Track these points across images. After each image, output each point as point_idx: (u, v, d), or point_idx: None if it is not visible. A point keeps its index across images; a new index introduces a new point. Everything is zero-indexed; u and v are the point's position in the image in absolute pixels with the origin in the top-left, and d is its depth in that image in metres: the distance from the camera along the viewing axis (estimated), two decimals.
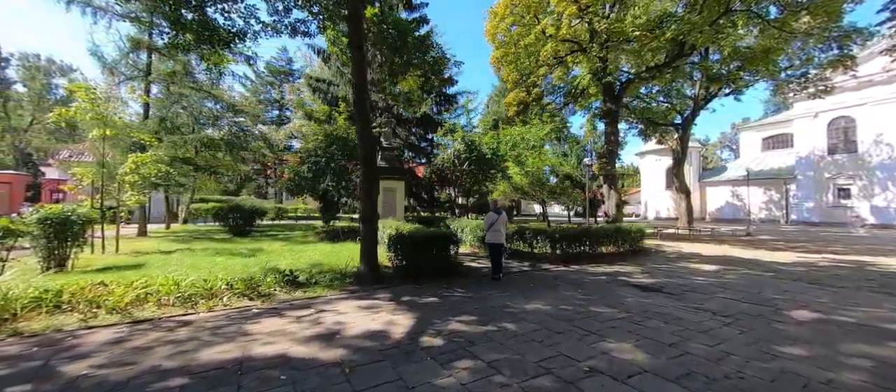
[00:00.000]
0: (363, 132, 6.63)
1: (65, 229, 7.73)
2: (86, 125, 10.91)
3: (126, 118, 16.31)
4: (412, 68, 10.76)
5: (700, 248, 13.14)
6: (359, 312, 4.84)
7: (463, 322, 4.45)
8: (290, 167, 15.04)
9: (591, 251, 10.46)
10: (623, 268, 8.80)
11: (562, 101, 19.53)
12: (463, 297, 5.79)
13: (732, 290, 6.51)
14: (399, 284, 6.61)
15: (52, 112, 10.36)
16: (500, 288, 6.44)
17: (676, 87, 21.57)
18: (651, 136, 27.00)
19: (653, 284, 6.96)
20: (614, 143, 16.11)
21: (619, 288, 6.61)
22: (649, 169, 38.49)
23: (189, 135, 16.98)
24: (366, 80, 6.67)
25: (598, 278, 7.48)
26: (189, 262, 8.75)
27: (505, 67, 16.67)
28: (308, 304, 5.21)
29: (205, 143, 18.98)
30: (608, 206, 15.93)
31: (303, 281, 6.42)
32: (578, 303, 5.47)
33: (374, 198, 6.81)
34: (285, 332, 3.99)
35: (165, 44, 7.99)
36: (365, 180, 6.70)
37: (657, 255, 11.11)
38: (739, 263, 9.58)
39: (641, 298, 5.84)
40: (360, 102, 6.63)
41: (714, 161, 60.99)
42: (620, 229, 11.23)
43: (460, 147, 15.15)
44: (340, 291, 6.02)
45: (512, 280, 7.17)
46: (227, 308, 5.07)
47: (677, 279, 7.44)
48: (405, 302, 5.42)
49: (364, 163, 6.70)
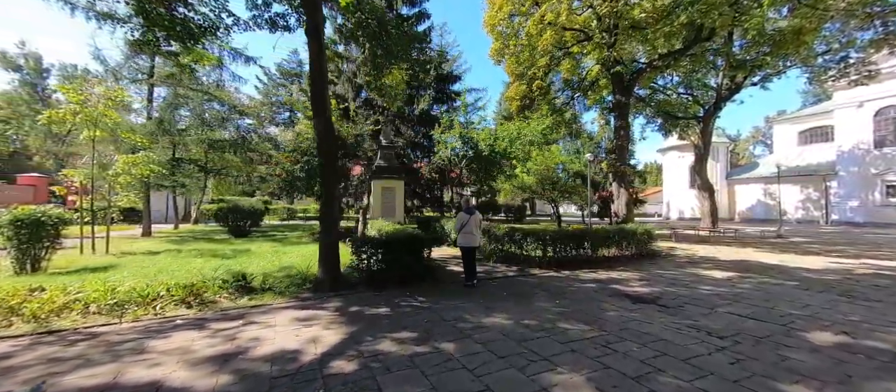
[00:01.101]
0: (321, 126, 6.13)
1: (37, 230, 7.67)
2: (77, 127, 10.99)
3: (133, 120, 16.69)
4: (397, 61, 10.24)
5: (719, 251, 11.90)
6: (289, 325, 4.31)
7: (397, 340, 3.83)
8: (283, 166, 14.84)
9: (592, 255, 9.58)
10: (622, 274, 7.90)
11: (570, 94, 18.46)
12: (419, 307, 5.17)
13: (742, 302, 5.56)
14: (359, 291, 6.06)
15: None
16: (468, 297, 5.77)
17: (697, 76, 20.01)
18: (672, 130, 25.36)
19: (648, 294, 6.09)
20: (625, 139, 14.98)
21: (605, 298, 5.79)
22: (671, 166, 36.39)
23: (189, 136, 17.19)
24: (324, 70, 6.18)
25: (586, 286, 6.66)
26: (162, 264, 8.55)
27: (507, 60, 15.86)
28: (242, 315, 4.74)
29: (210, 144, 19.24)
30: (618, 206, 14.83)
31: (256, 286, 5.98)
32: (548, 317, 4.73)
33: (336, 197, 6.29)
34: (184, 351, 3.51)
35: (136, 39, 7.73)
36: (324, 178, 6.20)
37: (666, 260, 10.06)
38: (759, 270, 8.45)
39: (627, 312, 5.02)
40: (318, 94, 6.13)
41: (745, 157, 57.31)
42: (625, 230, 10.26)
43: (457, 144, 14.49)
44: (289, 299, 5.53)
45: (486, 287, 6.48)
46: (156, 317, 4.68)
47: (679, 288, 6.51)
48: (350, 313, 4.85)
49: (322, 158, 6.19)
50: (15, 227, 7.46)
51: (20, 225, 7.48)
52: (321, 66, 6.17)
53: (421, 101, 17.89)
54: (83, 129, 10.73)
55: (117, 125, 11.59)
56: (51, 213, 7.85)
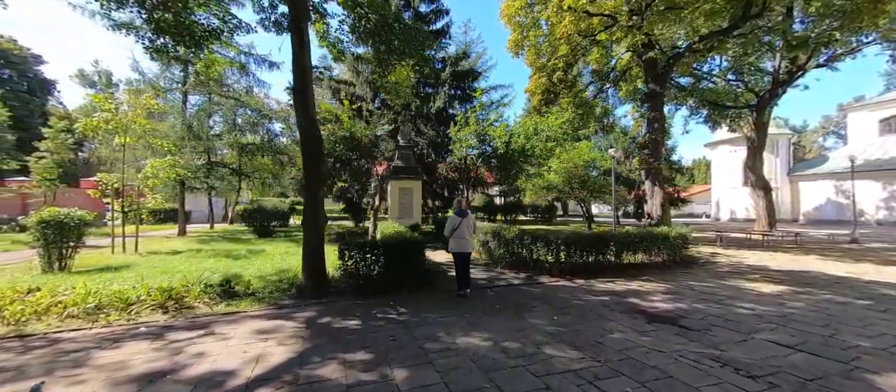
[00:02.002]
0: (304, 124, 5.85)
1: (62, 231, 8.14)
2: (108, 134, 11.72)
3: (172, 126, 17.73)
4: (401, 58, 9.85)
5: (772, 259, 10.32)
6: (245, 339, 4.01)
7: (346, 363, 3.37)
8: (299, 168, 15.01)
9: (617, 261, 8.60)
10: (645, 285, 6.93)
11: (599, 86, 17.11)
12: (394, 320, 4.68)
13: (790, 327, 4.52)
14: (343, 298, 5.70)
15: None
16: (455, 309, 5.20)
17: (749, 60, 17.78)
18: (720, 122, 22.91)
19: (669, 312, 5.17)
20: (659, 132, 13.52)
21: (615, 315, 4.97)
22: (722, 162, 33.06)
23: (221, 140, 18.02)
24: (306, 67, 5.89)
25: (596, 299, 5.83)
26: (173, 264, 8.77)
27: (527, 52, 14.95)
28: (208, 324, 4.52)
29: (241, 148, 20.12)
30: (651, 206, 13.42)
31: (239, 291, 5.82)
32: (536, 339, 4.05)
33: (320, 199, 5.98)
34: (119, 367, 3.29)
35: (147, 48, 7.94)
36: (307, 179, 5.91)
37: (704, 269, 8.81)
38: (821, 284, 7.07)
39: (636, 334, 4.21)
40: (300, 91, 5.85)
41: (813, 151, 51.09)
42: (653, 234, 9.13)
43: (473, 143, 13.85)
44: (267, 307, 5.28)
45: (480, 298, 5.86)
46: (129, 322, 4.59)
47: (710, 305, 5.50)
48: (317, 325, 4.48)
49: (307, 157, 5.91)
50: (41, 228, 7.96)
51: (46, 226, 7.96)
52: (303, 63, 5.90)
53: (437, 98, 17.43)
54: (115, 136, 11.43)
55: (146, 131, 12.27)
56: (73, 215, 8.30)
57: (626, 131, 24.49)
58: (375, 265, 6.19)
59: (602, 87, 17.25)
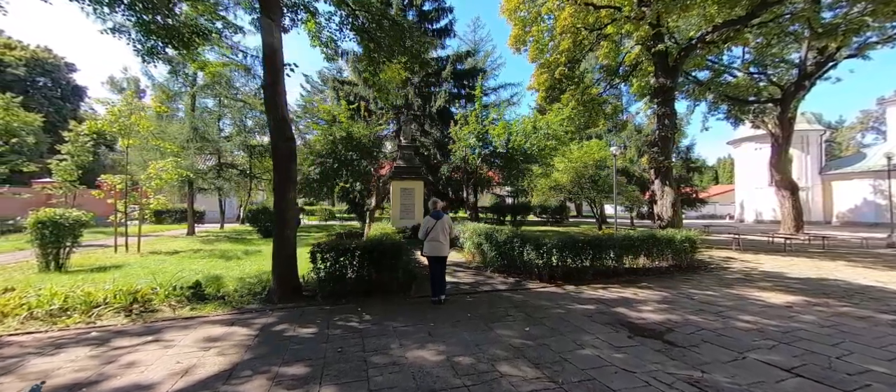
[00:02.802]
0: (273, 122, 5.67)
1: (57, 231, 8.32)
2: (113, 135, 12.01)
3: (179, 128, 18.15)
4: (393, 56, 9.63)
5: (792, 264, 9.50)
6: (190, 346, 3.84)
7: (277, 378, 3.12)
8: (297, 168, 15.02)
9: (617, 266, 8.09)
10: (640, 292, 6.42)
11: (608, 82, 16.38)
12: (353, 328, 4.42)
13: (793, 344, 3.99)
14: (309, 305, 5.50)
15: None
16: (422, 317, 4.89)
17: (772, 50, 16.65)
18: (742, 118, 21.70)
19: (658, 324, 4.70)
20: (669, 128, 12.75)
21: (596, 327, 4.54)
22: (746, 160, 31.34)
23: (229, 142, 18.34)
24: (276, 61, 5.71)
25: (581, 308, 5.40)
26: (164, 265, 8.83)
27: (530, 48, 14.46)
28: (160, 329, 4.39)
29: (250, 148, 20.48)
30: (661, 207, 12.67)
31: (209, 294, 5.71)
32: (495, 353, 3.70)
33: (290, 201, 5.80)
34: (41, 376, 3.16)
35: (137, 50, 8.00)
36: (276, 179, 5.74)
37: (711, 275, 8.16)
38: (841, 294, 6.36)
39: (609, 351, 3.80)
40: (270, 86, 5.68)
41: (850, 148, 47.88)
42: (657, 237, 8.54)
43: (472, 141, 13.48)
44: (230, 311, 5.13)
45: (455, 305, 5.53)
46: (87, 325, 4.52)
47: (707, 317, 4.98)
48: (269, 333, 4.27)
49: (276, 157, 5.74)
50: (38, 228, 8.16)
51: (42, 226, 8.15)
52: (272, 58, 5.73)
53: (438, 97, 17.15)
54: (119, 138, 11.72)
55: (150, 133, 12.55)
56: (69, 216, 8.48)
57: (640, 129, 23.51)
58: (348, 269, 5.98)
59: (611, 83, 16.50)
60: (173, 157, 12.82)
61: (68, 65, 46.10)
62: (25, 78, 39.82)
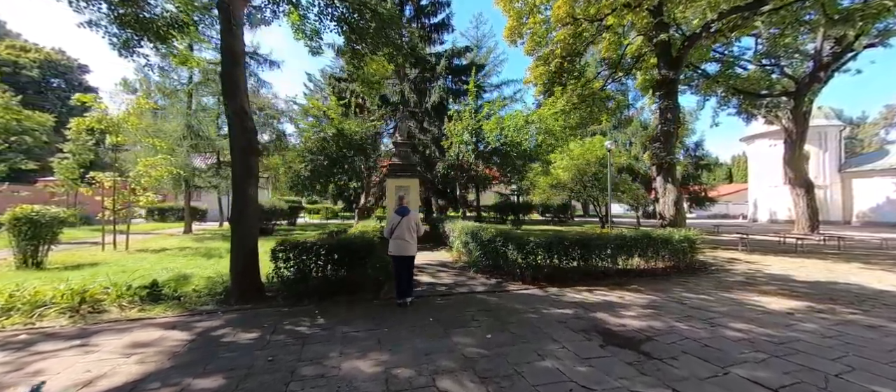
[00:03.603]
0: (232, 113, 5.37)
1: (35, 229, 8.22)
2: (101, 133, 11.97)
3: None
4: (377, 47, 9.29)
5: (801, 266, 8.85)
6: (112, 353, 3.55)
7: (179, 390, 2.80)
8: (287, 165, 14.82)
9: (609, 267, 7.61)
10: (627, 296, 5.94)
11: (608, 75, 15.74)
12: (298, 334, 4.08)
13: (787, 358, 3.51)
14: (267, 306, 5.19)
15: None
16: (379, 321, 4.53)
17: (785, 40, 15.78)
18: (754, 113, 20.77)
19: (637, 332, 4.24)
20: (672, 123, 12.10)
21: (568, 335, 4.12)
22: (759, 157, 30.13)
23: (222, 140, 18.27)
24: (235, 49, 5.41)
25: (557, 313, 4.96)
26: (143, 263, 8.67)
27: (527, 41, 13.96)
28: (93, 333, 4.13)
29: None
30: (663, 205, 12.05)
31: (166, 294, 5.46)
32: (442, 365, 3.32)
33: (250, 196, 5.50)
34: None
35: (113, 44, 7.83)
36: (235, 171, 5.45)
37: (711, 277, 7.61)
38: (851, 299, 5.78)
39: (574, 363, 3.37)
40: (228, 75, 5.38)
41: (874, 145, 45.82)
42: (653, 237, 8.00)
43: (467, 138, 13.06)
44: (181, 313, 4.85)
45: (419, 308, 5.15)
46: (24, 327, 4.30)
47: (695, 325, 4.49)
48: (206, 338, 3.97)
49: (235, 148, 5.44)
50: (14, 225, 8.06)
51: (18, 223, 8.06)
52: (231, 45, 5.43)
53: (432, 93, 16.76)
54: (108, 136, 11.66)
55: (140, 131, 12.49)
56: (46, 213, 8.38)
57: (646, 125, 22.72)
58: (313, 268, 5.66)
59: (614, 77, 15.85)
60: (164, 155, 12.74)
61: (81, 66, 47.17)
62: (39, 79, 40.85)
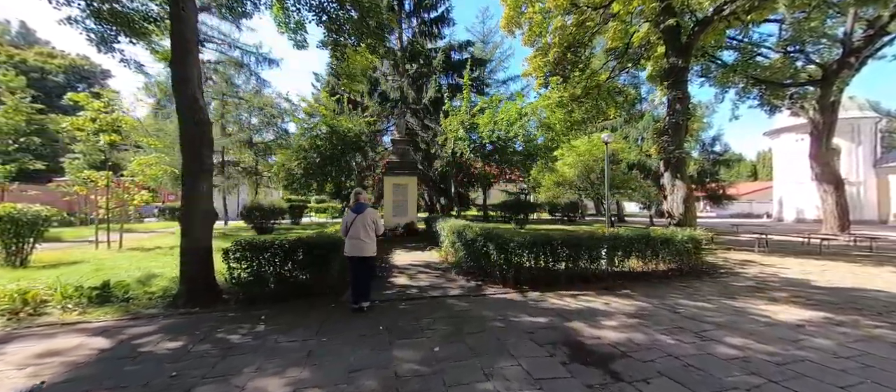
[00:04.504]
0: (183, 102, 5.04)
1: (16, 227, 8.21)
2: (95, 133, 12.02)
3: None
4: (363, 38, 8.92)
5: (823, 270, 7.96)
6: (8, 365, 3.25)
7: None
8: (278, 163, 14.64)
9: (602, 269, 6.99)
10: (614, 301, 5.33)
11: (615, 66, 14.90)
12: (225, 343, 3.70)
13: (787, 384, 2.89)
14: (214, 311, 4.85)
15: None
16: (322, 330, 4.10)
17: (810, 25, 14.56)
18: (777, 104, 19.36)
19: (614, 346, 3.67)
20: (681, 114, 11.24)
21: (530, 348, 3.59)
22: (786, 153, 28.33)
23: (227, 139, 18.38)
24: (185, 35, 5.08)
25: (528, 321, 4.42)
26: (123, 262, 8.56)
27: (526, 31, 13.32)
28: (11, 339, 3.86)
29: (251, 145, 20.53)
30: (672, 203, 11.21)
31: (116, 295, 5.20)
32: (365, 385, 2.86)
33: (203, 191, 5.18)
34: None
35: (90, 40, 7.73)
36: (186, 166, 5.13)
37: (717, 281, 6.87)
38: (879, 310, 5.00)
39: (523, 384, 2.86)
40: (180, 64, 5.06)
41: None
42: (651, 238, 7.31)
43: (462, 133, 12.54)
44: (121, 316, 4.56)
45: (375, 314, 4.70)
46: None
47: (684, 338, 3.88)
48: (128, 346, 3.63)
49: (185, 141, 5.13)
50: None
51: (0, 222, 8.05)
52: (182, 33, 5.11)
53: (429, 89, 16.31)
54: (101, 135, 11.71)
55: (134, 129, 12.55)
56: (28, 211, 8.36)
57: (658, 119, 21.59)
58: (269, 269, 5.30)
59: (622, 67, 14.99)
60: (159, 154, 12.76)
61: (104, 72, 48.98)
62: (65, 84, 42.58)
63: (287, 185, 14.77)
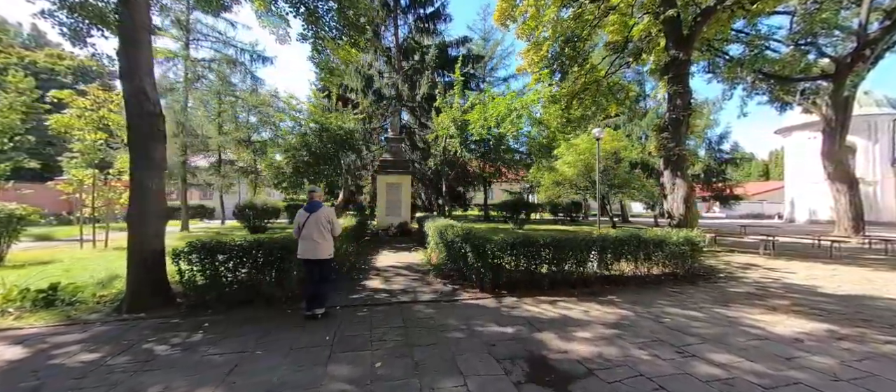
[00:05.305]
0: (130, 92, 4.74)
1: None
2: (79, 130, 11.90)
3: None
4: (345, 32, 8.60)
5: (833, 275, 7.38)
6: None
7: None
8: (267, 161, 14.40)
9: (598, 272, 6.55)
10: (595, 310, 4.89)
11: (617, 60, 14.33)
12: (148, 355, 3.37)
13: None
14: (155, 317, 4.54)
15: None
16: (262, 341, 3.75)
17: (822, 15, 13.83)
18: (787, 101, 18.58)
19: (580, 362, 3.25)
20: (682, 109, 10.67)
21: (485, 363, 3.19)
22: (798, 152, 27.31)
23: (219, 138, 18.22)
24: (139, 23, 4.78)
25: (492, 331, 4.02)
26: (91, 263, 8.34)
27: (521, 24, 12.84)
28: None
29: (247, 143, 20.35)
30: (672, 202, 10.65)
31: (62, 299, 4.93)
32: None
33: (152, 190, 4.87)
34: None
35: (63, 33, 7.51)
36: (133, 162, 4.84)
37: (714, 286, 6.36)
38: (891, 321, 4.47)
39: None
40: (127, 52, 4.75)
41: None
42: (643, 239, 6.82)
43: (454, 130, 12.14)
44: (59, 322, 4.28)
45: (329, 322, 4.34)
46: None
47: (663, 353, 3.44)
48: (40, 357, 3.33)
49: (133, 134, 4.83)
50: None
51: None
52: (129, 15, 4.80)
53: (421, 85, 15.94)
54: (86, 133, 11.60)
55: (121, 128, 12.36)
56: (3, 210, 8.22)
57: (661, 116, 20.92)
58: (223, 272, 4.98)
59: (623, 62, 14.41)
60: None
61: (111, 73, 49.62)
62: (73, 85, 43.27)
63: (277, 183, 14.54)
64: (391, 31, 17.55)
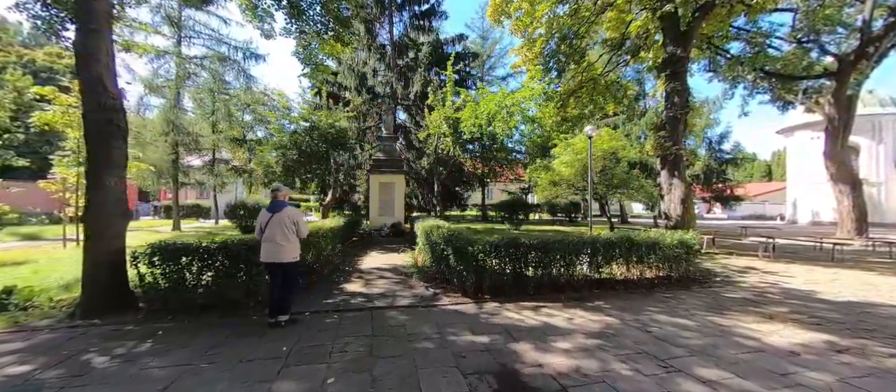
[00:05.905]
0: (87, 85, 4.48)
1: None
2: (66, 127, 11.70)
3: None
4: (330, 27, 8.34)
5: (835, 280, 7.06)
6: None
7: None
8: (258, 159, 14.16)
9: (588, 275, 6.27)
10: (579, 316, 4.60)
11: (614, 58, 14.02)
12: (86, 368, 3.10)
13: None
14: (107, 325, 4.28)
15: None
16: (208, 351, 3.48)
17: (826, 11, 13.48)
18: (789, 100, 18.19)
19: (554, 377, 2.97)
20: (679, 107, 10.37)
21: (450, 377, 2.92)
22: (800, 152, 26.92)
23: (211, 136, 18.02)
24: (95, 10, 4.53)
25: (464, 341, 3.74)
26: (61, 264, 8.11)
27: (514, 21, 12.55)
28: None
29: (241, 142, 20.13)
30: (669, 203, 10.34)
31: (16, 303, 4.68)
32: None
33: (112, 190, 4.61)
34: None
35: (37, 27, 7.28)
36: (90, 159, 4.58)
37: (708, 291, 6.06)
38: (894, 331, 4.17)
39: None
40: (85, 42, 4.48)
41: None
42: (634, 241, 6.52)
43: (445, 128, 11.86)
44: (3, 330, 4.02)
45: (293, 329, 4.07)
46: None
47: (646, 367, 3.15)
48: None
49: (90, 130, 4.56)
50: None
51: None
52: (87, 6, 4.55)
53: (414, 83, 15.66)
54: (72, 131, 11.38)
55: None
56: None
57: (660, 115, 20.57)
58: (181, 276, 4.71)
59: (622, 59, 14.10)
60: (133, 151, 12.39)
61: None
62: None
63: (268, 182, 14.29)
64: (386, 29, 17.27)
